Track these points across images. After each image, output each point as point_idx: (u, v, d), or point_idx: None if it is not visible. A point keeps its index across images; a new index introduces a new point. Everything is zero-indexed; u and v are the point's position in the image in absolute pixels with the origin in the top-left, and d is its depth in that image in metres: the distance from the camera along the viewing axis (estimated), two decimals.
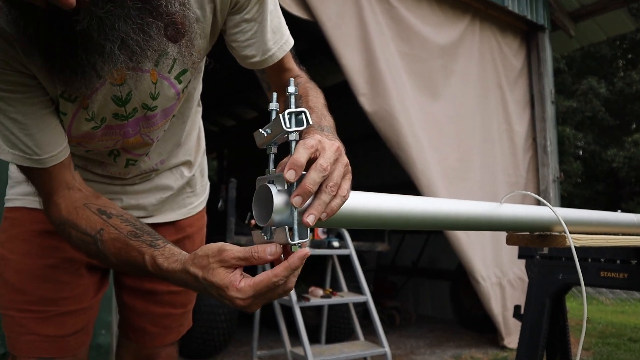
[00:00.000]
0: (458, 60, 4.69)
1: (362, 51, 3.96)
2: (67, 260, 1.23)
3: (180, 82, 1.09)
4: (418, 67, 4.37)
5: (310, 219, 0.72)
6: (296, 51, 1.22)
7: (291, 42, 1.16)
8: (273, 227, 0.77)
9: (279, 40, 1.13)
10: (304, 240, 0.75)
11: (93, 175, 1.24)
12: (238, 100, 8.55)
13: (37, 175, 1.01)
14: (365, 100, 3.95)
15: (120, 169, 1.23)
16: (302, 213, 0.74)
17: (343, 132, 0.99)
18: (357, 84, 3.92)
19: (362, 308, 4.18)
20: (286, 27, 1.17)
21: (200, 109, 1.41)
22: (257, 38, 1.09)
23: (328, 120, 1.01)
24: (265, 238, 0.78)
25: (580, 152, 18.60)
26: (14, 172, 1.29)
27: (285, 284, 0.76)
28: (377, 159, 6.33)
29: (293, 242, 0.74)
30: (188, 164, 1.40)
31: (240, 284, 0.75)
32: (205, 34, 1.06)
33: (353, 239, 3.85)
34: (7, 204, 1.28)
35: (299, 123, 0.76)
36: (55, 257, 1.23)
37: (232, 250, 0.76)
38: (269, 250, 0.75)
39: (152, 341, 1.49)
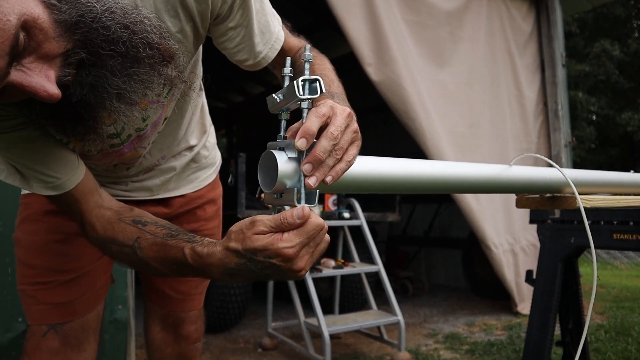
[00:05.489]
0: (465, 26, 4.60)
1: (367, 20, 3.89)
2: (72, 234, 1.27)
3: (166, 98, 1.10)
4: (425, 34, 4.30)
5: (312, 180, 0.74)
6: (301, 25, 1.19)
7: (281, 37, 1.14)
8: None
9: (269, 40, 1.11)
10: (311, 205, 0.76)
11: (95, 172, 1.27)
12: (245, 76, 8.49)
13: (65, 202, 1.04)
14: (372, 70, 3.90)
15: (122, 172, 1.28)
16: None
17: (352, 104, 0.99)
18: (363, 54, 3.87)
19: (374, 278, 4.20)
20: (276, 21, 1.14)
21: (202, 92, 1.41)
22: (246, 42, 1.08)
23: (337, 87, 1.02)
24: (275, 197, 0.79)
25: (594, 117, 18.34)
26: None
27: (325, 229, 0.78)
28: (388, 131, 6.30)
29: (300, 205, 0.75)
30: (191, 148, 1.41)
31: (284, 236, 0.75)
32: (189, 51, 1.06)
33: (364, 210, 3.85)
34: (22, 192, 1.35)
35: (312, 91, 0.76)
36: (61, 232, 1.28)
37: (262, 220, 0.76)
38: (296, 213, 0.74)
39: (174, 306, 1.57)
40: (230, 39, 1.07)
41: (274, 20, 1.14)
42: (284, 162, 0.75)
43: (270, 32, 1.11)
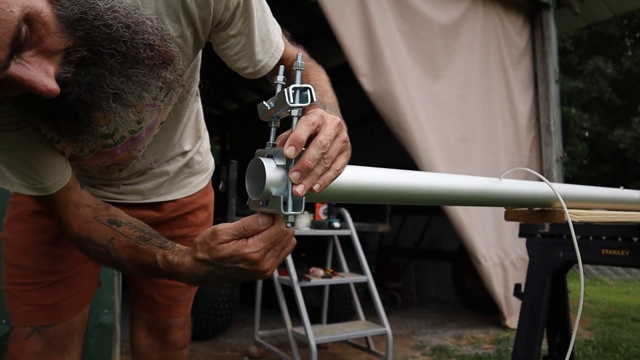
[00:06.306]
0: (460, 39, 4.63)
1: (362, 31, 3.91)
2: (60, 235, 1.25)
3: (163, 102, 1.09)
4: (419, 46, 4.32)
5: (299, 188, 0.73)
6: (298, 33, 1.20)
7: (281, 47, 1.15)
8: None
9: (269, 49, 1.11)
10: (297, 212, 0.76)
11: (88, 173, 1.26)
12: (240, 83, 8.50)
13: (45, 201, 1.04)
14: (366, 81, 3.91)
15: (114, 174, 1.27)
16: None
17: (346, 114, 0.98)
18: (358, 64, 3.88)
19: (363, 289, 4.19)
20: (276, 30, 1.15)
21: (198, 97, 1.40)
22: (246, 51, 1.08)
23: (330, 98, 1.02)
24: (261, 204, 0.78)
25: (586, 134, 18.47)
26: None
27: (290, 234, 0.82)
28: (383, 139, 6.31)
29: (286, 212, 0.74)
30: (185, 153, 1.41)
31: (249, 241, 0.78)
32: (189, 56, 1.06)
33: (354, 220, 3.84)
34: (11, 190, 1.34)
35: (303, 99, 0.76)
36: (49, 233, 1.27)
37: (223, 228, 0.79)
38: (261, 220, 0.78)
39: (161, 312, 1.56)
40: (230, 47, 1.07)
41: (275, 30, 1.14)
42: (272, 169, 0.75)
43: (270, 41, 1.11)
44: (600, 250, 1.97)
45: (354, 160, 0.84)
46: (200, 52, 1.17)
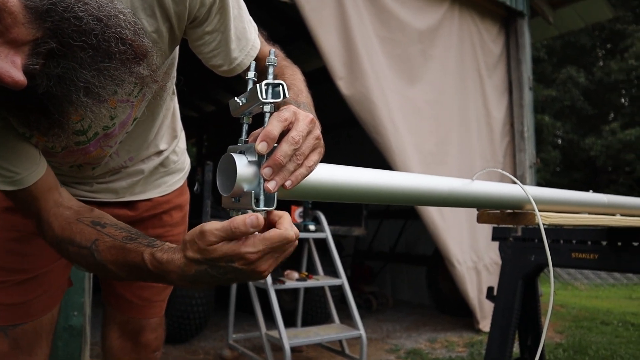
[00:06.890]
0: (437, 45, 4.68)
1: (340, 34, 3.92)
2: (30, 233, 1.22)
3: (136, 97, 1.08)
4: (396, 51, 4.35)
5: (271, 184, 0.73)
6: (275, 36, 1.20)
7: (257, 45, 1.14)
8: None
9: (245, 47, 1.11)
10: (269, 209, 0.75)
11: (59, 171, 1.22)
12: (218, 86, 8.45)
13: (22, 198, 0.99)
14: (343, 84, 3.92)
15: (87, 172, 1.24)
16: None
17: (323, 117, 0.98)
18: (335, 68, 3.89)
19: (338, 292, 4.19)
20: (252, 29, 1.14)
21: (174, 96, 1.39)
22: (222, 48, 1.08)
23: (305, 97, 1.01)
24: (233, 201, 0.77)
25: (559, 141, 18.84)
26: None
27: (291, 240, 0.75)
28: (358, 144, 6.33)
29: (258, 209, 0.74)
30: (160, 152, 1.39)
31: (248, 241, 0.72)
32: (164, 51, 1.04)
33: (330, 223, 3.84)
34: None
35: (275, 95, 0.76)
36: (19, 230, 1.24)
37: (211, 229, 0.73)
38: (249, 221, 0.71)
39: (134, 312, 1.53)
40: (206, 44, 1.07)
41: (251, 28, 1.13)
42: (243, 165, 0.74)
43: (246, 39, 1.11)
44: (571, 254, 2.00)
45: (329, 163, 0.84)
46: (177, 50, 1.15)
